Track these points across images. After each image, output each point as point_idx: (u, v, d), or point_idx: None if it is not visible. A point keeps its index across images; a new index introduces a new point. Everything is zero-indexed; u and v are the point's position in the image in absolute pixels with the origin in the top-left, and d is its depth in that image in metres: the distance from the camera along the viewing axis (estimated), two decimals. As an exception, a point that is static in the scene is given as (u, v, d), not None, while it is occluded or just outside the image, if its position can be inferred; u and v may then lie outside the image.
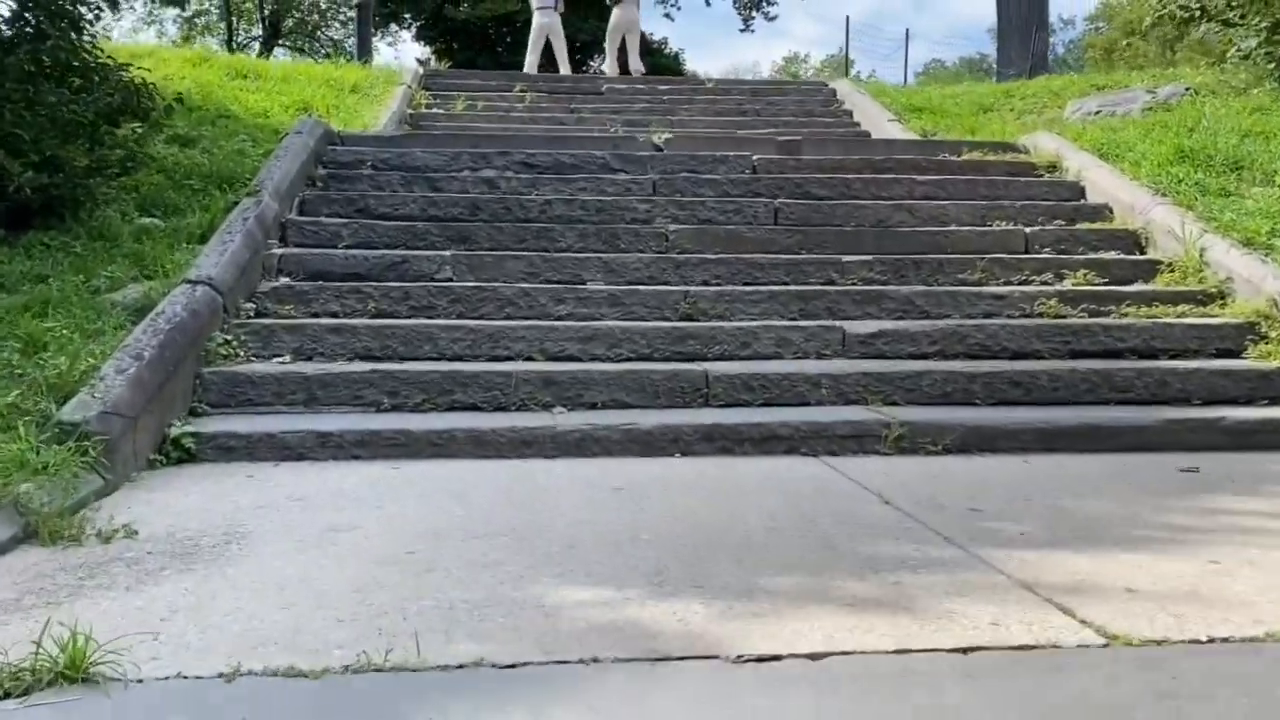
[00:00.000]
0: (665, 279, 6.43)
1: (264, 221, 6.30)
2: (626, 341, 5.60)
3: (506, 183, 7.56)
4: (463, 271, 6.32)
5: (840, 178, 7.80)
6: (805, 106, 13.28)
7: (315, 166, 7.72)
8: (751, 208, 7.32)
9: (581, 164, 7.94)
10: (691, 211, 7.25)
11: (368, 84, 12.64)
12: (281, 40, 35.56)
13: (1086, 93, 11.90)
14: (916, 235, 7.05)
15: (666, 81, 14.56)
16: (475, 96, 12.84)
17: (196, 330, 5.01)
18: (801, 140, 8.67)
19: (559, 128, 12.08)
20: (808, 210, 7.34)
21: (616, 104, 13.01)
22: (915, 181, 7.82)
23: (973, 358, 5.73)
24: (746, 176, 7.87)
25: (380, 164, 7.77)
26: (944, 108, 12.55)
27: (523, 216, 7.14)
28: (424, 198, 7.17)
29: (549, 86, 13.60)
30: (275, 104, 10.88)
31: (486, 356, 5.51)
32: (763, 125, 12.34)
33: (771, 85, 15.01)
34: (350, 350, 5.42)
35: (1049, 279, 6.58)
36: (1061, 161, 8.22)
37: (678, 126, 12.08)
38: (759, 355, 5.65)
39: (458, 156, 7.87)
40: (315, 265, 6.23)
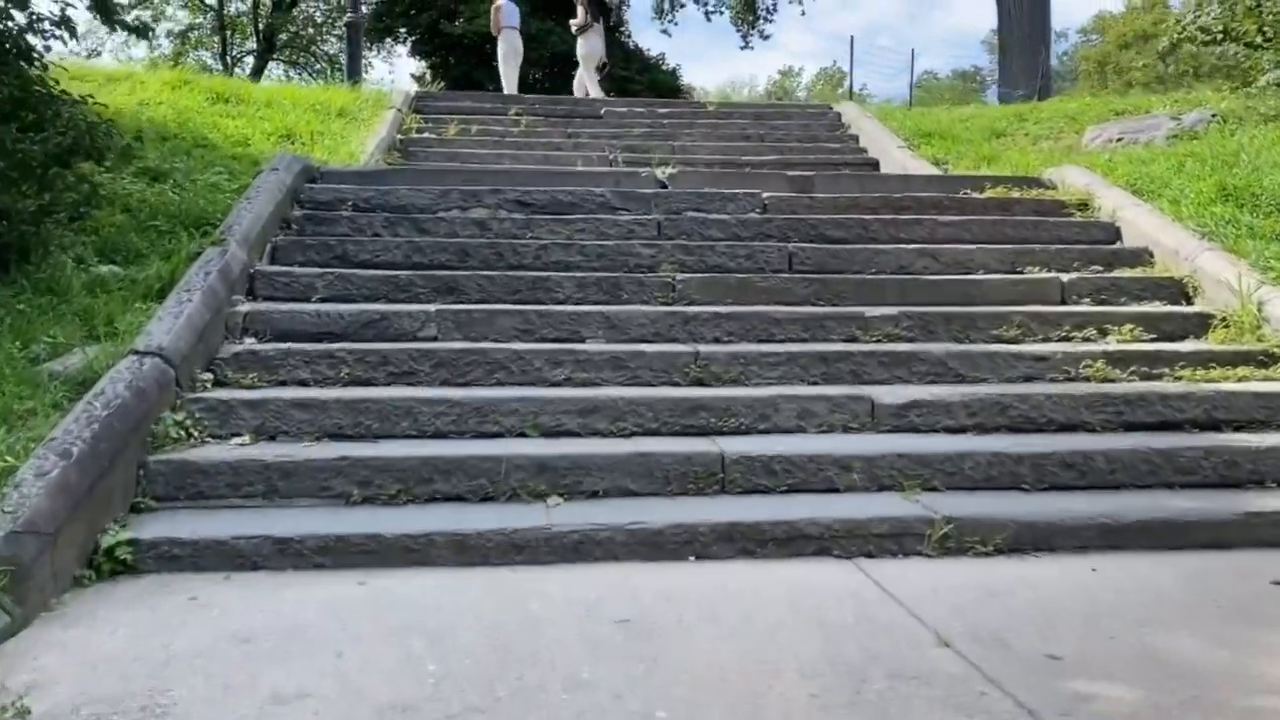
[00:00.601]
0: (673, 335, 5.76)
1: (228, 275, 5.61)
2: (631, 414, 4.92)
3: (499, 224, 6.88)
4: (449, 329, 5.64)
5: (857, 218, 7.14)
6: (810, 131, 12.63)
7: (291, 206, 7.04)
8: (764, 253, 6.65)
9: (580, 202, 7.27)
10: (700, 257, 6.59)
11: (356, 108, 11.97)
12: (276, 55, 34.90)
13: (1105, 117, 11.26)
14: (943, 284, 6.39)
15: (667, 104, 13.91)
16: (469, 120, 12.18)
17: (142, 413, 4.33)
18: (813, 175, 8.00)
19: (556, 153, 11.44)
20: (824, 255, 6.67)
21: (615, 128, 12.35)
22: (937, 222, 7.16)
23: (1016, 431, 5.07)
24: (757, 217, 7.21)
25: (362, 204, 7.10)
26: (954, 132, 11.91)
27: (516, 263, 6.47)
28: (408, 242, 6.49)
29: (545, 109, 12.95)
30: (257, 131, 10.21)
31: (473, 433, 4.83)
32: (767, 151, 11.71)
33: (775, 109, 14.35)
34: (318, 428, 4.74)
35: (1092, 335, 5.92)
36: (1093, 199, 7.56)
37: (680, 153, 11.45)
38: (780, 429, 4.98)
39: (446, 194, 7.19)
40: (284, 324, 5.55)
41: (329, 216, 6.87)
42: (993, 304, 6.26)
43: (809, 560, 4.09)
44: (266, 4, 33.54)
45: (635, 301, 6.12)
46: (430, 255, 6.44)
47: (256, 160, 9.13)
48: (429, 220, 6.86)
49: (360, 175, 7.64)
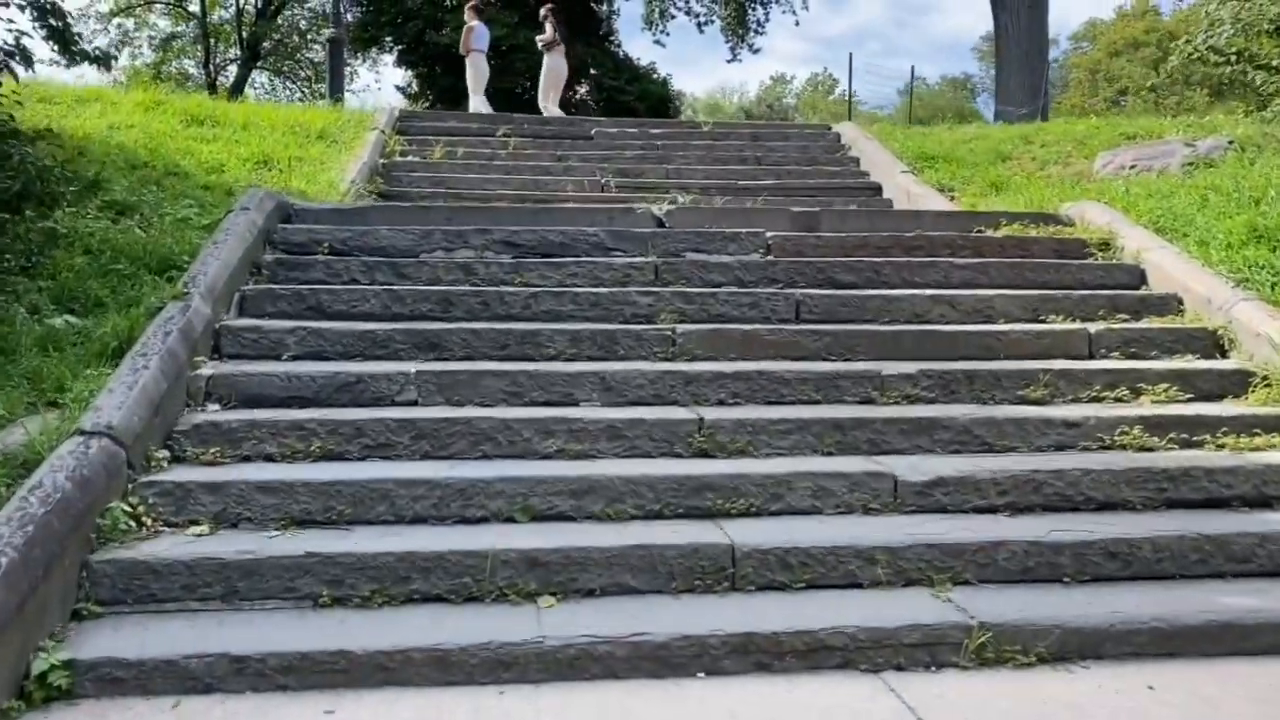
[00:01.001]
0: (674, 397, 5.32)
1: (190, 335, 5.16)
2: (630, 495, 4.48)
3: (485, 268, 6.44)
4: (430, 392, 5.20)
5: (868, 261, 6.72)
6: (809, 153, 12.23)
7: (263, 249, 6.59)
8: (770, 301, 6.22)
9: (572, 243, 6.83)
10: (701, 305, 6.16)
11: (337, 129, 11.52)
12: (260, 63, 34.40)
13: (1115, 142, 10.88)
14: (962, 336, 5.97)
15: (660, 124, 13.49)
16: (455, 142, 11.75)
17: (86, 505, 3.87)
18: (819, 211, 7.58)
19: (545, 177, 11.03)
20: (833, 303, 6.25)
21: (606, 150, 11.94)
22: (953, 265, 6.75)
23: (1051, 510, 4.65)
24: (760, 259, 6.78)
25: (339, 246, 6.64)
26: (958, 155, 11.53)
27: (504, 313, 6.03)
28: (388, 291, 6.04)
29: (534, 130, 12.52)
30: (232, 157, 9.76)
31: (456, 518, 4.38)
32: (765, 175, 11.32)
33: (772, 129, 13.95)
34: (285, 514, 4.28)
35: (1124, 395, 5.51)
36: (1115, 239, 7.16)
37: (674, 177, 11.06)
38: (793, 510, 4.55)
39: (429, 235, 6.75)
40: (251, 388, 5.09)
41: (303, 261, 6.41)
42: (1016, 358, 5.85)
43: (832, 675, 3.66)
44: (250, 12, 33.07)
45: (633, 357, 5.69)
46: (411, 305, 5.99)
47: (230, 189, 8.69)
48: (410, 265, 6.41)
49: (338, 213, 7.18)
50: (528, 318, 6.01)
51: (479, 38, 15.57)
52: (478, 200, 10.29)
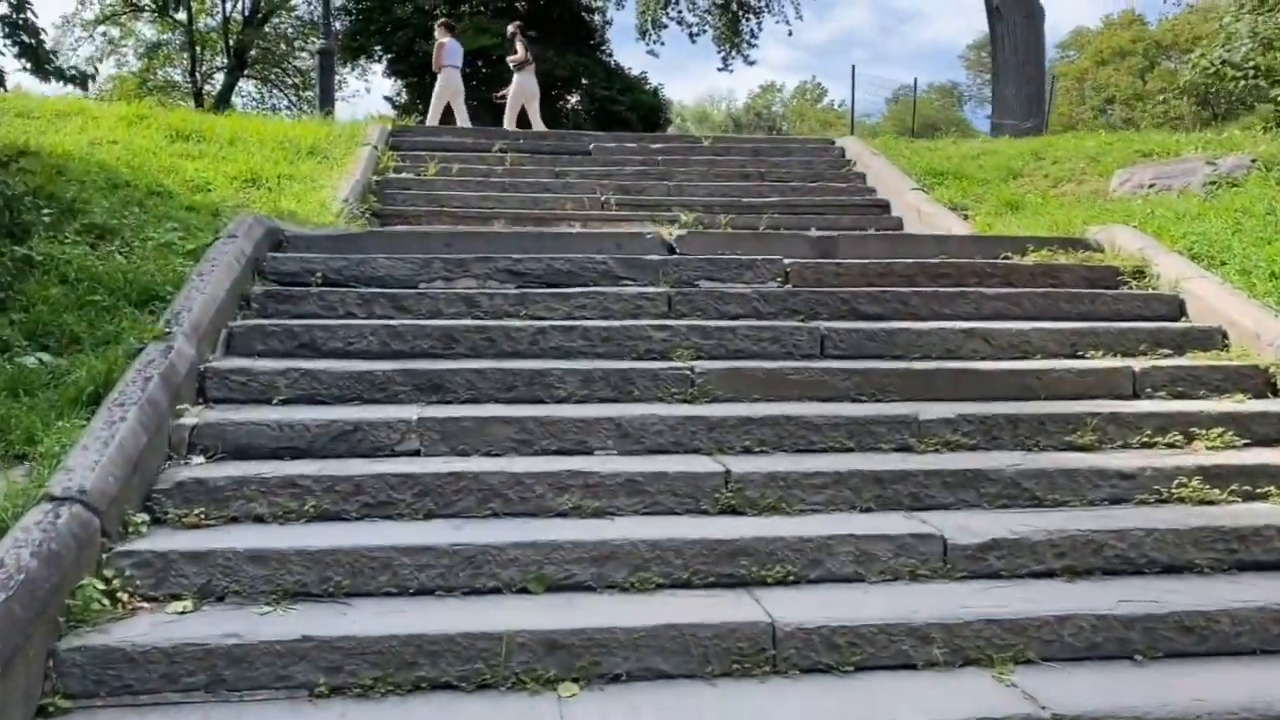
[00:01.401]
0: (695, 444, 4.91)
1: (172, 380, 4.72)
2: (656, 562, 4.07)
3: (489, 300, 6.02)
4: (433, 441, 4.77)
5: (893, 291, 6.32)
6: (813, 169, 11.85)
7: (252, 281, 6.15)
8: (792, 335, 5.82)
9: (580, 271, 6.42)
10: (719, 340, 5.75)
11: (328, 144, 11.08)
12: (247, 71, 33.91)
13: (1130, 159, 10.53)
14: (1000, 375, 5.57)
15: (660, 139, 13.10)
16: (449, 158, 11.33)
17: (54, 585, 3.44)
18: (837, 237, 7.18)
19: (544, 195, 10.62)
20: (860, 337, 5.85)
21: (606, 166, 11.54)
22: (983, 295, 6.36)
23: (1112, 574, 4.26)
24: (779, 289, 6.38)
25: (333, 276, 6.21)
26: (968, 172, 11.17)
27: (510, 350, 5.61)
28: (385, 327, 5.61)
29: (531, 145, 12.10)
30: (219, 174, 9.31)
31: (465, 589, 3.96)
32: (769, 191, 10.94)
33: (774, 144, 13.55)
34: (277, 587, 3.86)
35: (1177, 440, 5.13)
36: (1149, 266, 6.79)
37: (676, 194, 10.68)
38: (834, 577, 4.14)
39: (428, 264, 6.32)
40: (239, 438, 4.66)
41: (295, 293, 5.98)
42: (1058, 398, 5.46)
43: (892, 778, 3.25)
44: (237, 20, 32.57)
45: (649, 398, 5.27)
46: (411, 341, 5.57)
47: (216, 210, 8.25)
48: (410, 297, 5.99)
49: (332, 240, 6.75)
50: (535, 355, 5.60)
51: (451, 54, 15.53)
52: (475, 219, 9.90)
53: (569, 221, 10.05)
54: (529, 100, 15.70)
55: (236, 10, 32.72)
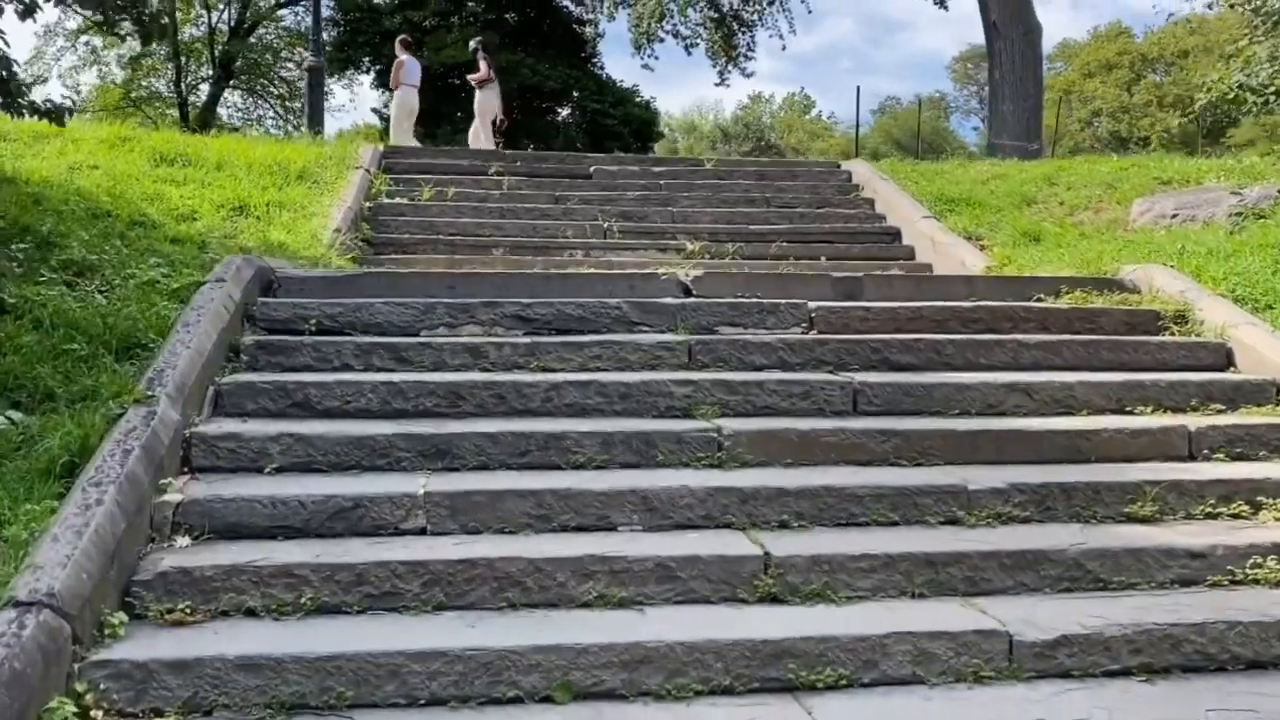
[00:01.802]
0: (727, 519, 4.49)
1: (155, 452, 4.27)
2: (694, 665, 3.65)
3: (497, 350, 5.59)
4: (441, 518, 4.34)
5: (927, 339, 5.93)
6: (820, 194, 11.47)
7: (241, 329, 5.71)
8: (823, 390, 5.41)
9: (592, 317, 6.00)
10: (745, 396, 5.33)
11: (318, 167, 10.63)
12: (233, 82, 33.39)
13: (1149, 186, 10.19)
14: (1047, 436, 5.18)
15: (662, 162, 12.70)
16: (444, 181, 10.90)
17: (18, 711, 2.99)
18: (862, 278, 6.78)
19: (544, 222, 10.22)
20: (895, 392, 5.44)
21: (607, 190, 11.13)
22: (1021, 344, 5.97)
23: (1192, 670, 3.86)
24: (804, 336, 5.98)
25: (328, 323, 5.77)
26: (979, 198, 10.81)
27: (522, 407, 5.18)
28: (386, 383, 5.17)
29: (528, 168, 11.68)
30: (205, 202, 8.87)
31: (482, 698, 3.53)
32: (776, 218, 10.57)
33: (780, 167, 13.16)
34: (272, 699, 3.41)
35: (1243, 510, 4.74)
36: (1191, 310, 6.41)
37: (680, 220, 10.31)
38: (891, 680, 3.73)
39: (430, 309, 5.89)
40: (228, 516, 4.22)
41: (287, 344, 5.53)
42: (1111, 460, 5.07)
43: None
44: (223, 31, 32.06)
45: (674, 464, 4.85)
46: (414, 399, 5.13)
47: (203, 242, 7.81)
48: (411, 347, 5.55)
49: (326, 283, 6.30)
50: (549, 413, 5.17)
51: (409, 72, 15.47)
52: (473, 248, 9.48)
53: (570, 251, 9.64)
54: (484, 117, 15.65)
55: (222, 21, 32.21)
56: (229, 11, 31.98)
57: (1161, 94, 55.18)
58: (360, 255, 8.78)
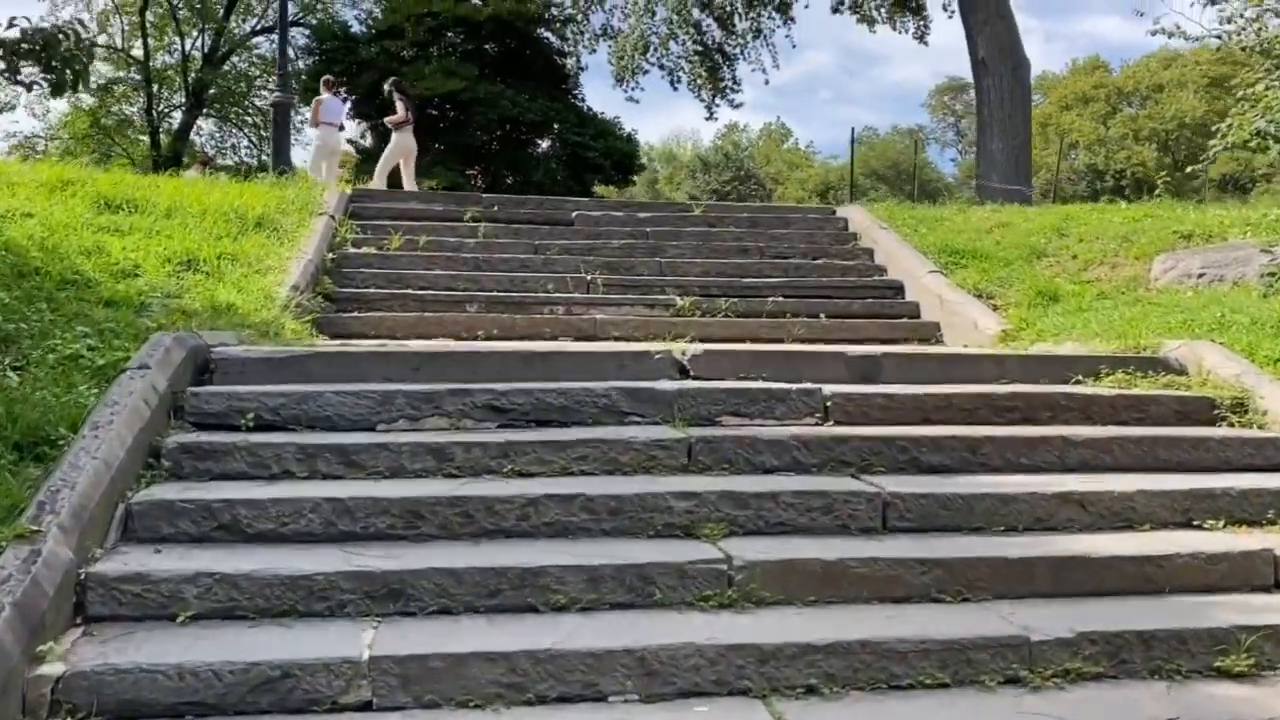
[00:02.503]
0: (743, 683, 3.64)
1: (32, 610, 3.38)
2: None
3: (464, 452, 4.73)
4: (391, 688, 3.46)
5: (961, 435, 5.11)
6: (815, 243, 10.69)
7: (166, 426, 4.83)
8: (847, 502, 4.57)
9: (576, 406, 5.17)
10: (757, 510, 4.49)
11: (279, 213, 9.76)
12: (206, 110, 32.46)
13: (1167, 240, 9.47)
14: (1112, 563, 4.34)
15: (647, 208, 11.85)
16: (415, 228, 10.06)
17: None
18: (880, 357, 5.97)
19: (523, 274, 9.39)
20: (930, 504, 4.62)
21: (590, 239, 10.32)
22: (1067, 441, 5.16)
23: None
24: (820, 430, 5.15)
25: (269, 416, 4.90)
26: (985, 250, 10.07)
27: (493, 526, 4.32)
28: (331, 501, 4.27)
29: (506, 213, 10.84)
30: (151, 254, 7.99)
31: None
32: (771, 270, 9.80)
33: (772, 213, 12.33)
34: None
35: (1354, 661, 3.95)
36: (1251, 398, 5.64)
37: (670, 271, 9.52)
38: None
39: (389, 400, 5.04)
40: (122, 691, 3.33)
41: (219, 446, 4.64)
42: (1188, 592, 4.26)
43: None
44: (196, 58, 31.15)
45: (676, 604, 4.00)
46: (364, 520, 4.26)
47: (142, 303, 6.97)
48: (364, 450, 4.68)
49: (270, 365, 5.41)
50: (526, 534, 4.32)
51: (330, 111, 15.20)
52: (444, 304, 8.65)
53: (551, 307, 8.83)
54: (406, 158, 15.16)
55: (195, 48, 31.31)
56: (203, 39, 31.10)
57: (1137, 127, 55.21)
58: (320, 316, 7.93)
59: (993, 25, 20.95)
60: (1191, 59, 56.59)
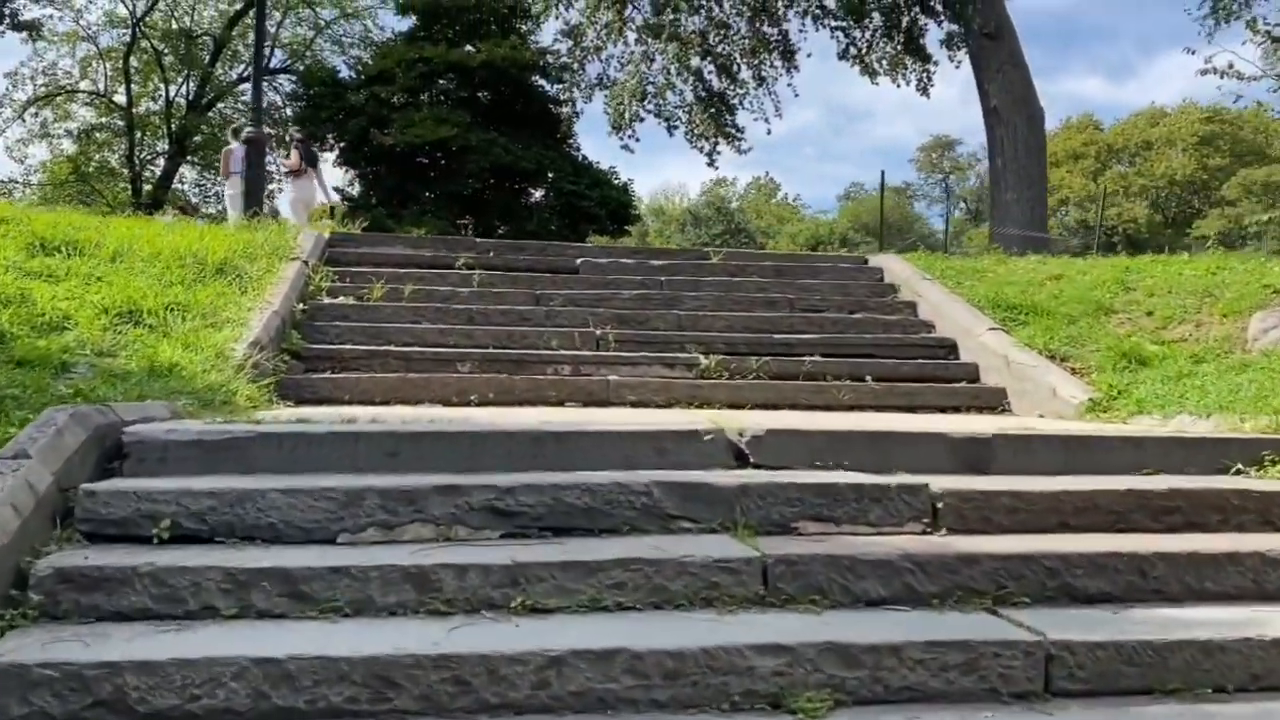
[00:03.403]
0: None
1: None
2: None
3: (457, 580, 3.36)
4: None
5: (1125, 552, 3.75)
6: (850, 294, 9.43)
7: (47, 537, 3.45)
8: (997, 655, 3.20)
9: (606, 509, 3.82)
10: (874, 673, 3.12)
11: (245, 257, 8.43)
12: (189, 158, 31.26)
13: (1259, 296, 8.21)
14: (1388, 749, 3.02)
15: (660, 255, 10.50)
16: (401, 276, 8.74)
17: None
18: (990, 439, 4.64)
19: (522, 328, 8.09)
20: (1109, 656, 3.26)
21: (598, 289, 9.01)
22: (1263, 558, 3.82)
23: None
24: (934, 543, 3.81)
25: (191, 525, 3.53)
26: (1043, 305, 8.82)
27: (498, 701, 2.94)
28: (263, 663, 2.90)
29: (503, 259, 9.55)
30: (85, 304, 6.67)
31: None
32: (805, 325, 8.51)
33: (799, 262, 10.95)
34: None
35: None
36: None
37: (690, 326, 8.24)
38: None
39: (356, 500, 3.67)
40: None
41: (112, 572, 3.25)
42: None
43: None
44: (180, 104, 30.00)
45: (774, 830, 2.63)
46: (310, 690, 2.88)
47: (64, 363, 5.70)
48: (318, 576, 3.31)
49: (201, 450, 4.03)
50: (543, 710, 2.94)
51: (238, 160, 14.30)
52: (432, 362, 7.32)
53: (556, 366, 7.50)
54: (308, 205, 14.72)
55: (180, 94, 30.18)
56: (188, 85, 29.98)
57: (1127, 184, 54.63)
58: (284, 377, 6.58)
59: (1006, 73, 19.95)
60: (1179, 117, 56.39)
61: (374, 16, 30.38)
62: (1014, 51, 20.28)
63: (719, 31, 22.50)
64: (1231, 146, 55.15)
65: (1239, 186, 53.00)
